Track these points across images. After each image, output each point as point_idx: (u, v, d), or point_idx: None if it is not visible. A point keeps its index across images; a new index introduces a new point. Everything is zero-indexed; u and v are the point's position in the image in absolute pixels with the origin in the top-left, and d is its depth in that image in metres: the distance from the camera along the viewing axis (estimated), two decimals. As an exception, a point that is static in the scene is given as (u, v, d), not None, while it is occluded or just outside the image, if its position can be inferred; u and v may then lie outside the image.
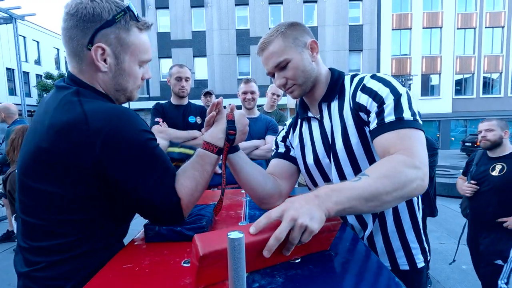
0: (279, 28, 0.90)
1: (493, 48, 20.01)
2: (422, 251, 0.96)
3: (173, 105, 2.31)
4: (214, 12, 18.96)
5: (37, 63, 24.17)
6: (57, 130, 0.66)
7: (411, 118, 0.78)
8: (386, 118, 0.79)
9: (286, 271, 0.62)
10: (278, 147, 1.13)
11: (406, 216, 0.94)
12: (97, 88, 0.75)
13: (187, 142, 2.17)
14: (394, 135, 0.76)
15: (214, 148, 0.82)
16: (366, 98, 0.84)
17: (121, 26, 0.73)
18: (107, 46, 0.72)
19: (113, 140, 0.65)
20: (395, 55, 19.72)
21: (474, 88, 20.12)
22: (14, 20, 9.73)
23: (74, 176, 0.66)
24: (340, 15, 18.93)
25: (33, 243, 0.71)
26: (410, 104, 0.80)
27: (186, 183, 0.76)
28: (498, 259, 1.97)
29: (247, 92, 2.45)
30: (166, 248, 0.76)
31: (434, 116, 19.83)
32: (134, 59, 0.76)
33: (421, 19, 19.50)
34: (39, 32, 24.25)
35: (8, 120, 3.70)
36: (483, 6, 19.52)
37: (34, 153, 0.68)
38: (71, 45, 0.72)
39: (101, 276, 0.63)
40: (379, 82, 0.84)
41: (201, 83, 18.51)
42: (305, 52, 0.90)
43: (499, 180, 2.00)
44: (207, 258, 0.52)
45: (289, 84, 0.92)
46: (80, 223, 0.70)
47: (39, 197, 0.69)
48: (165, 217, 0.75)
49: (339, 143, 0.91)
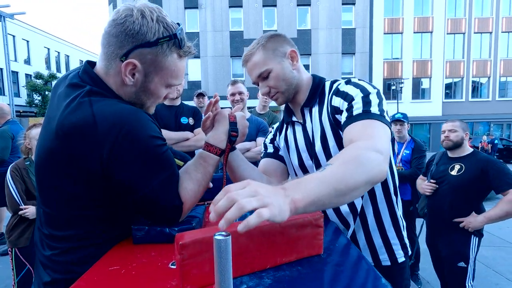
0: (259, 41, 0.95)
1: (482, 53, 20.52)
2: (402, 247, 1.00)
3: (165, 106, 2.29)
4: (208, 14, 18.96)
5: (26, 63, 23.73)
6: (65, 131, 0.66)
7: (377, 113, 0.81)
8: (354, 111, 0.82)
9: (274, 273, 0.61)
10: (267, 148, 1.17)
11: (386, 214, 0.98)
12: (115, 90, 0.74)
13: (179, 143, 2.16)
14: (359, 125, 0.79)
15: (218, 150, 0.84)
16: (339, 100, 0.88)
17: (162, 50, 0.71)
18: (141, 64, 0.70)
19: (121, 144, 0.66)
20: (387, 58, 20.04)
21: (464, 92, 20.58)
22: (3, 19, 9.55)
23: (84, 176, 0.68)
24: (333, 19, 19.15)
25: (52, 231, 0.74)
26: (380, 102, 0.83)
27: (190, 186, 0.77)
28: (460, 261, 2.04)
29: (235, 93, 2.45)
30: (154, 249, 0.74)
31: (424, 119, 20.18)
32: (163, 82, 0.75)
33: (412, 24, 19.88)
34: (29, 31, 23.83)
35: (0, 120, 3.64)
36: (472, 12, 20.02)
37: (46, 153, 0.70)
38: (107, 49, 0.71)
39: (86, 279, 0.61)
40: (351, 85, 0.89)
41: (195, 84, 18.45)
42: (285, 62, 0.95)
43: (457, 180, 2.08)
44: (186, 248, 0.52)
45: (272, 92, 0.98)
46: (93, 219, 0.73)
47: (53, 193, 0.73)
48: (164, 219, 0.77)
49: (318, 146, 0.96)
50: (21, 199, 2.06)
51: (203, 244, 0.55)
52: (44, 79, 21.52)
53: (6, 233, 2.10)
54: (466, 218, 2.03)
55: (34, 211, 2.04)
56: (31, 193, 2.10)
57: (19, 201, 2.05)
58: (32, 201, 2.10)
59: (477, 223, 1.98)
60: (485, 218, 1.97)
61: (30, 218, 2.05)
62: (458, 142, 2.14)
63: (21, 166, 2.11)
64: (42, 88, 21.14)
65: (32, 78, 21.88)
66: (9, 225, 2.10)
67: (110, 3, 19.33)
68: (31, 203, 2.08)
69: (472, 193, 2.06)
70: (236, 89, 2.46)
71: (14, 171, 2.08)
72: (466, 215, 2.05)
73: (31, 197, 2.11)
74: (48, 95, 21.54)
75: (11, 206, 2.06)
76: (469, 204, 2.06)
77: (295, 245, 0.65)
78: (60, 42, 27.46)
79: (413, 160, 2.94)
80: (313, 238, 0.67)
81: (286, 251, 0.64)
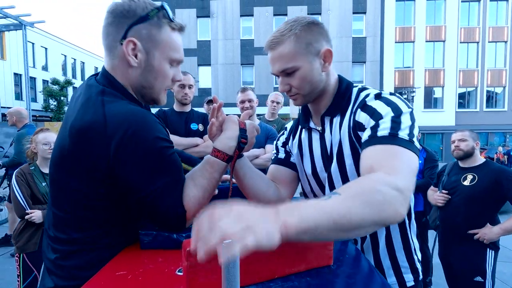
0: (293, 27, 0.79)
1: (497, 62, 20.10)
2: (412, 271, 0.93)
3: (176, 112, 2.31)
4: (219, 23, 19.29)
5: (44, 69, 24.56)
6: (77, 129, 0.69)
7: (406, 138, 0.70)
8: (380, 132, 0.72)
9: (283, 283, 0.60)
10: (278, 152, 1.09)
11: (397, 236, 0.91)
12: (125, 86, 0.77)
13: (189, 149, 2.17)
14: (383, 149, 0.68)
15: (225, 156, 0.81)
16: (365, 117, 0.78)
17: (154, 23, 0.74)
18: (139, 41, 0.73)
19: (127, 144, 0.67)
20: (398, 67, 19.85)
21: (478, 102, 20.12)
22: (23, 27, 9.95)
23: (92, 174, 0.69)
24: (343, 27, 19.18)
25: (58, 234, 0.75)
26: (411, 125, 0.73)
27: (194, 193, 0.75)
28: (477, 276, 1.95)
29: (245, 100, 2.45)
30: (161, 255, 0.74)
31: (437, 129, 19.78)
32: (165, 56, 0.77)
33: (424, 33, 19.70)
34: (47, 38, 24.72)
35: (18, 124, 3.76)
36: (486, 21, 19.72)
37: (59, 150, 0.73)
38: (107, 41, 0.75)
39: (93, 283, 0.61)
40: (381, 101, 0.78)
41: (205, 91, 18.67)
42: (316, 62, 0.82)
43: (470, 190, 2.02)
44: (194, 255, 0.51)
45: (292, 91, 0.86)
46: (99, 221, 0.74)
47: (63, 191, 0.74)
48: (168, 225, 0.75)
49: (333, 161, 0.88)
50: (27, 204, 2.06)
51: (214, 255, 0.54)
52: (60, 85, 22.19)
53: (14, 239, 2.10)
54: (481, 230, 1.96)
55: (40, 215, 2.05)
56: (36, 197, 2.11)
57: (25, 205, 2.05)
58: (38, 206, 2.09)
59: (493, 234, 1.91)
60: (501, 230, 1.91)
61: (37, 222, 2.04)
62: (469, 151, 2.10)
63: (26, 171, 2.12)
64: (58, 93, 21.79)
65: (49, 84, 22.60)
66: (16, 230, 2.10)
67: (125, 12, 19.95)
68: (37, 208, 2.08)
69: (486, 204, 1.99)
70: (246, 96, 2.47)
71: (19, 176, 2.09)
72: (481, 226, 1.98)
73: (36, 201, 2.11)
74: (63, 101, 22.19)
75: (17, 211, 2.07)
76: (484, 215, 1.99)
77: (304, 255, 0.63)
78: (76, 49, 28.38)
79: (426, 170, 2.88)
80: (323, 248, 0.65)
81: (295, 261, 0.63)
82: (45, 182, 2.17)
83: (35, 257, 2.07)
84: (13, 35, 19.55)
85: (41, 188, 2.13)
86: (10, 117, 3.77)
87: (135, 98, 0.79)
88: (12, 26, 10.13)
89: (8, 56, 20.87)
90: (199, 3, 19.15)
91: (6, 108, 17.64)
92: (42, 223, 2.07)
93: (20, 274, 2.06)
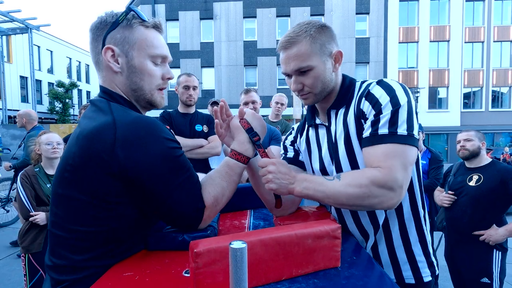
0: (308, 29, 0.84)
1: (502, 62, 19.88)
2: (429, 265, 0.93)
3: (180, 113, 2.32)
4: (222, 24, 19.35)
5: (49, 72, 24.83)
6: (86, 134, 0.68)
7: (405, 133, 0.77)
8: (380, 129, 0.79)
9: (290, 285, 0.59)
10: (287, 151, 1.12)
11: (412, 228, 0.92)
12: (120, 94, 0.78)
13: (194, 150, 2.18)
14: (381, 149, 0.77)
15: (245, 158, 0.83)
16: (367, 105, 0.83)
17: (125, 26, 0.76)
18: (115, 46, 0.75)
19: (137, 146, 0.67)
20: (402, 67, 19.73)
21: (483, 102, 19.91)
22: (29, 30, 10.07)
23: (100, 179, 0.67)
24: (347, 28, 19.13)
25: (57, 260, 0.70)
26: (409, 117, 0.78)
27: (213, 191, 0.77)
28: (483, 277, 1.93)
29: (248, 102, 2.46)
30: (167, 256, 0.74)
31: (442, 129, 19.60)
32: (143, 55, 0.77)
33: (428, 33, 19.56)
34: (53, 42, 25.01)
35: (28, 125, 3.81)
36: (491, 20, 19.53)
37: (65, 159, 0.71)
38: (92, 57, 0.79)
39: (101, 284, 0.61)
40: (383, 89, 0.82)
41: (208, 93, 18.73)
42: (329, 62, 0.87)
43: (476, 190, 2.00)
44: (201, 256, 0.51)
45: (305, 90, 0.89)
46: (105, 235, 0.70)
47: (67, 205, 0.70)
48: (184, 222, 0.76)
49: (341, 149, 0.90)
50: (31, 205, 2.10)
51: (218, 253, 0.54)
52: (65, 88, 22.41)
53: (19, 239, 2.14)
54: (486, 231, 1.94)
55: (44, 217, 2.08)
56: (41, 199, 2.14)
57: (29, 207, 2.09)
58: (42, 207, 2.13)
59: (499, 236, 1.89)
60: (506, 231, 1.89)
61: (40, 224, 2.08)
62: (475, 151, 2.08)
63: (31, 173, 2.16)
64: (63, 96, 22.01)
65: (54, 87, 22.83)
66: (21, 231, 2.13)
67: (129, 15, 20.10)
68: (41, 209, 2.12)
69: (492, 204, 1.97)
70: (250, 98, 2.48)
71: (23, 178, 2.13)
72: (487, 227, 1.96)
73: (41, 203, 2.15)
74: (68, 103, 22.40)
75: (22, 212, 2.11)
76: (490, 216, 1.97)
77: (311, 256, 0.63)
78: (81, 52, 28.65)
79: (431, 171, 2.86)
80: (330, 250, 0.65)
81: (302, 263, 0.62)
82: (50, 184, 2.20)
83: (40, 257, 2.10)
84: (19, 39, 19.82)
85: (46, 190, 2.16)
86: (20, 119, 3.82)
87: (135, 106, 0.80)
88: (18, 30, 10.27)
89: (14, 59, 21.14)
90: (202, 5, 19.24)
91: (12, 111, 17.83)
92: (47, 224, 2.11)
93: (26, 273, 2.09)
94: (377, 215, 0.91)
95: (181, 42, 18.99)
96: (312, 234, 0.63)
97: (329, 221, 0.68)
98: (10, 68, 20.64)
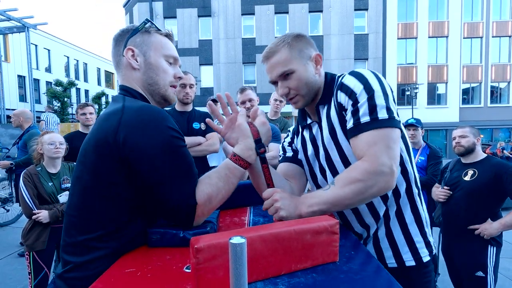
0: (285, 39, 0.92)
1: (501, 57, 19.88)
2: (426, 245, 0.96)
3: (178, 111, 2.33)
4: (220, 22, 19.27)
5: (47, 71, 24.71)
6: (99, 120, 0.78)
7: (386, 117, 0.80)
8: (362, 118, 0.82)
9: (289, 279, 0.61)
10: (285, 152, 1.14)
11: (408, 210, 0.95)
12: (137, 89, 0.87)
13: (192, 148, 2.18)
14: (364, 138, 0.81)
15: (247, 164, 0.85)
16: (343, 96, 0.86)
17: (144, 32, 0.89)
18: (135, 47, 0.86)
19: (138, 132, 0.71)
20: (400, 64, 19.70)
21: (482, 97, 19.93)
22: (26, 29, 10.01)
23: (104, 161, 0.73)
24: (345, 24, 19.07)
25: (69, 239, 0.77)
26: (386, 100, 0.81)
27: (208, 190, 0.78)
28: (478, 271, 1.96)
29: (245, 101, 2.46)
30: (169, 253, 0.75)
31: (441, 125, 19.64)
32: (159, 54, 0.88)
33: (426, 28, 19.52)
34: (50, 40, 24.86)
35: (25, 124, 3.83)
36: (490, 16, 19.49)
37: (82, 147, 0.79)
38: (114, 61, 0.89)
39: (103, 281, 0.63)
40: (355, 77, 0.85)
41: (207, 90, 18.69)
42: (310, 65, 0.93)
43: (470, 185, 2.04)
44: (201, 252, 0.52)
45: (291, 94, 0.94)
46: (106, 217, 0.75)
47: (77, 186, 0.77)
48: (177, 218, 0.77)
49: (331, 145, 0.94)
50: (34, 204, 2.13)
51: (218, 249, 0.55)
52: (64, 86, 22.30)
53: (23, 237, 2.17)
54: (481, 225, 1.97)
55: (47, 215, 2.12)
56: (43, 197, 2.17)
57: (32, 205, 2.13)
58: (44, 206, 2.16)
59: (493, 230, 1.92)
60: (500, 225, 1.91)
61: (43, 222, 2.11)
62: (470, 147, 2.11)
63: (33, 172, 2.19)
64: (62, 95, 21.91)
65: (52, 85, 22.72)
66: (25, 229, 2.17)
67: (126, 13, 19.98)
68: (44, 208, 2.15)
69: (486, 198, 2.00)
70: (246, 96, 2.48)
71: (26, 177, 2.16)
72: (481, 222, 1.99)
73: (43, 201, 2.18)
74: (67, 102, 22.31)
75: (25, 210, 2.15)
76: (485, 210, 2.00)
77: (310, 251, 0.64)
78: (79, 50, 28.49)
79: (429, 167, 2.86)
80: (329, 245, 0.66)
81: (301, 258, 0.63)
82: (52, 182, 2.22)
83: (44, 255, 2.14)
84: (16, 38, 19.70)
85: (48, 188, 2.18)
86: (16, 118, 3.82)
87: (150, 101, 0.88)
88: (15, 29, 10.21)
89: (12, 58, 21.03)
90: (200, 2, 19.14)
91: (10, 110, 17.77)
92: (50, 222, 2.14)
93: (31, 271, 2.12)
94: (377, 209, 0.93)
95: (179, 40, 18.89)
96: (311, 229, 0.64)
97: (328, 217, 0.69)
98: (7, 67, 20.53)
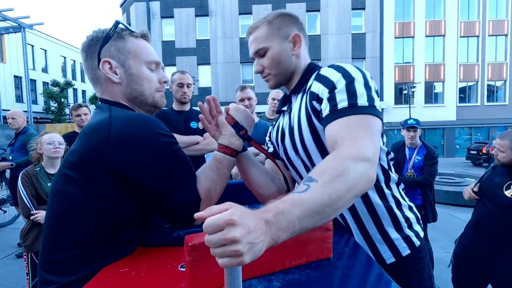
0: (267, 16, 0.92)
1: (497, 56, 19.98)
2: (405, 240, 0.91)
3: (175, 111, 2.33)
4: (218, 21, 19.24)
5: (44, 71, 24.57)
6: (85, 131, 0.72)
7: (366, 104, 0.72)
8: (339, 104, 0.74)
9: (284, 276, 0.61)
10: (268, 147, 1.13)
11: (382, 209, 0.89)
12: (120, 102, 0.81)
13: (189, 147, 2.18)
14: (344, 123, 0.71)
15: (233, 151, 0.84)
16: (318, 86, 0.81)
17: (116, 38, 0.80)
18: (111, 58, 0.78)
19: (130, 144, 0.68)
20: (398, 63, 19.76)
21: (479, 96, 20.03)
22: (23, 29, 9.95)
23: (95, 174, 0.68)
24: (342, 24, 19.10)
25: (48, 256, 0.72)
26: (367, 90, 0.75)
27: (206, 184, 0.78)
28: None
29: (244, 99, 2.46)
30: (163, 252, 0.75)
31: (438, 123, 19.72)
32: (139, 62, 0.81)
33: (423, 28, 19.59)
34: (47, 40, 24.72)
35: (22, 125, 3.78)
36: (486, 15, 19.59)
37: (65, 157, 0.74)
38: (89, 74, 0.82)
39: (97, 280, 0.62)
40: (332, 68, 0.81)
41: (205, 90, 18.66)
42: (286, 44, 0.90)
43: (509, 203, 1.80)
44: (196, 250, 0.52)
45: (265, 72, 0.94)
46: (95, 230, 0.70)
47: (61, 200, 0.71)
48: (183, 218, 0.76)
49: (297, 137, 0.90)
50: (32, 204, 2.12)
51: None
52: (60, 87, 22.21)
53: (21, 238, 2.15)
54: None
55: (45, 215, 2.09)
56: (41, 198, 2.16)
57: (30, 206, 2.11)
58: (43, 206, 2.15)
59: None
60: None
61: (41, 222, 2.09)
62: (505, 163, 1.91)
63: (31, 173, 2.18)
64: (58, 95, 21.81)
65: (49, 86, 22.61)
66: (23, 230, 2.15)
67: (123, 13, 19.91)
68: (42, 208, 2.13)
69: None
70: (245, 94, 2.48)
71: (24, 178, 2.15)
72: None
73: (42, 202, 2.16)
74: (63, 102, 22.21)
75: (23, 211, 2.13)
76: None
77: (304, 248, 0.64)
78: (76, 50, 28.32)
79: (425, 167, 2.88)
80: (322, 242, 0.66)
81: (295, 254, 0.64)
82: (50, 183, 2.21)
83: None
84: (12, 38, 19.56)
85: (46, 189, 2.18)
86: (18, 119, 3.76)
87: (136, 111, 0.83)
88: (11, 29, 10.15)
89: (8, 58, 20.89)
90: (197, 2, 19.10)
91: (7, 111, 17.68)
92: None
93: (29, 272, 2.11)
94: None
95: (176, 40, 18.86)
96: (305, 227, 0.64)
97: None
98: (3, 68, 20.42)
